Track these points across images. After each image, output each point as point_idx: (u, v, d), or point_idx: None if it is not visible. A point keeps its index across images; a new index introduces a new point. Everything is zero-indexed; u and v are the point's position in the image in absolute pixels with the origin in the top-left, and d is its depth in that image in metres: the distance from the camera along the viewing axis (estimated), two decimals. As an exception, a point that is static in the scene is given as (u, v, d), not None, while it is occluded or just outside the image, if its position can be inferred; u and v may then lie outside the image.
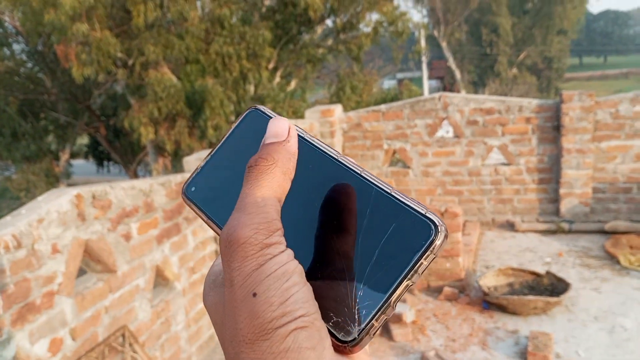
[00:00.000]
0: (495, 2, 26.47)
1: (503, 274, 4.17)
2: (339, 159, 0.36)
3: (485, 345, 3.50)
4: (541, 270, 4.42)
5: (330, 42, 13.92)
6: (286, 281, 0.31)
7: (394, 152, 5.85)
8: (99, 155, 17.82)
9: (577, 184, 5.27)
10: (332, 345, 0.31)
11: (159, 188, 3.04)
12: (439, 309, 3.98)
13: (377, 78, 19.70)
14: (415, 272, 0.31)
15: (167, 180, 3.13)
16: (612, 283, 4.19)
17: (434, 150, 5.68)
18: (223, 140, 0.42)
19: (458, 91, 28.69)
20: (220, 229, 0.37)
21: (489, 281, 4.09)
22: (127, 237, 2.77)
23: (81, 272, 2.67)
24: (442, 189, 5.75)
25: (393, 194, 0.33)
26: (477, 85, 30.48)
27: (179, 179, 3.24)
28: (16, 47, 14.45)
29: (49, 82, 13.77)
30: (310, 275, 0.33)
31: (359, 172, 0.35)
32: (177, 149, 12.16)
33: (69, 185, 16.65)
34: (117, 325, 2.69)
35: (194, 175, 0.41)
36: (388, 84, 34.18)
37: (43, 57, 13.72)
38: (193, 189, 0.40)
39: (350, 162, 0.36)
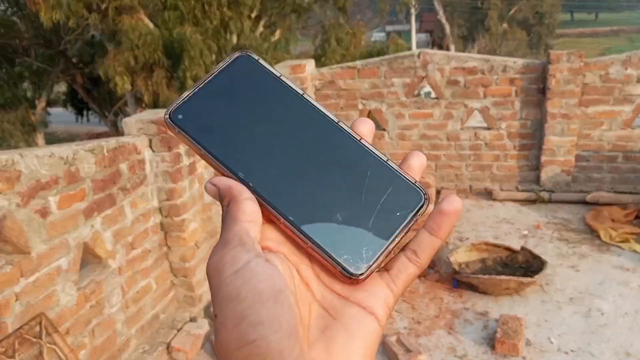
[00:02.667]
0: (488, -47, 25.53)
1: (476, 249, 3.90)
2: (340, 124, 0.41)
3: (451, 328, 3.25)
4: (518, 244, 4.16)
5: (316, -11, 13.31)
6: (239, 304, 0.33)
7: (369, 112, 5.46)
8: (77, 104, 17.17)
9: (560, 151, 4.96)
10: (340, 279, 0.37)
11: (87, 155, 2.66)
12: (406, 286, 3.72)
13: (365, 30, 19.02)
14: (409, 228, 0.38)
15: (97, 145, 2.74)
16: (590, 260, 3.95)
17: (411, 111, 5.31)
18: (211, 77, 0.41)
19: (447, 46, 28.04)
20: (217, 160, 0.39)
21: (460, 257, 3.82)
22: (44, 213, 2.40)
23: (-10, 253, 2.33)
24: (419, 153, 5.41)
25: (389, 162, 0.40)
26: (466, 40, 29.79)
27: (113, 144, 2.86)
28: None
29: (23, 27, 13.01)
30: (325, 216, 0.37)
31: (358, 138, 0.40)
32: (156, 100, 11.68)
33: (47, 134, 16.09)
34: (33, 314, 2.37)
35: (180, 103, 0.40)
36: (377, 36, 33.30)
37: (15, 0, 12.92)
38: (180, 116, 0.40)
39: (348, 127, 0.41)
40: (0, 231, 2.21)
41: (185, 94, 0.41)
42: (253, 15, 11.86)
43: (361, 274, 0.36)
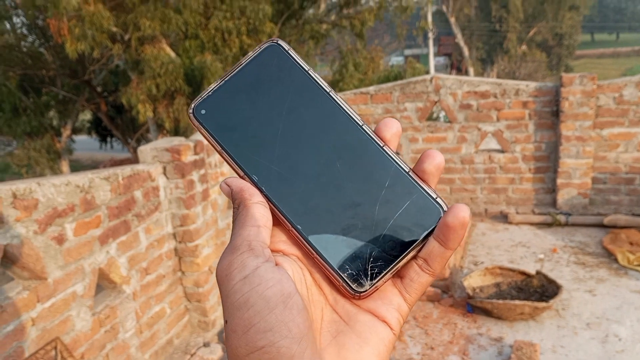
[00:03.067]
0: (505, -24, 25.71)
1: (490, 274, 3.87)
2: (364, 127, 0.39)
3: (465, 354, 3.22)
4: (533, 267, 4.12)
5: (333, 17, 13.51)
6: (247, 311, 0.33)
7: (383, 137, 5.50)
8: (101, 131, 17.60)
9: (576, 174, 4.93)
10: (341, 293, 0.37)
11: (102, 183, 2.74)
12: (420, 311, 3.70)
13: (383, 55, 19.19)
14: (421, 247, 0.37)
15: (112, 173, 2.83)
16: (608, 284, 3.88)
17: (424, 135, 5.33)
18: (238, 69, 0.41)
19: (466, 68, 28.09)
20: (233, 160, 0.39)
21: (474, 281, 3.80)
22: (60, 239, 2.48)
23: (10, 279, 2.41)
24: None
25: (410, 173, 0.38)
26: (485, 62, 29.83)
27: (128, 171, 2.94)
28: (18, 20, 14.15)
29: (49, 57, 13.44)
30: (335, 228, 0.37)
31: (381, 144, 0.39)
32: (177, 127, 11.93)
33: (72, 161, 16.46)
34: (48, 338, 2.43)
35: (204, 97, 0.40)
36: (395, 60, 33.56)
37: (43, 32, 13.39)
38: (203, 111, 0.40)
39: (371, 131, 0.39)
40: (18, 258, 2.29)
41: (212, 86, 0.41)
42: (272, 42, 12.05)
43: (363, 291, 0.36)
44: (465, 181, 5.35)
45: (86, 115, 18.58)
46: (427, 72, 18.51)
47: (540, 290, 3.71)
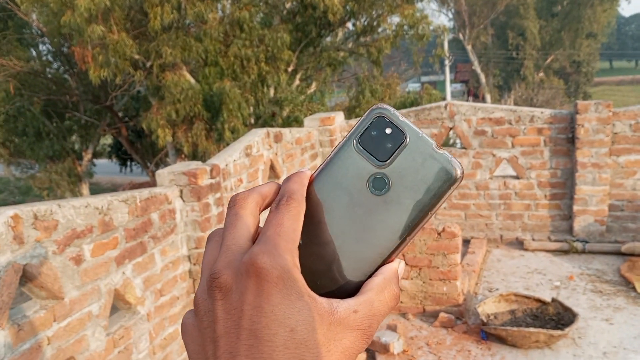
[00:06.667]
0: (522, 5, 25.83)
1: (505, 300, 3.83)
2: None
3: (478, 382, 3.19)
4: (549, 295, 4.08)
5: (350, 45, 13.67)
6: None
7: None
8: (121, 155, 17.89)
9: (593, 201, 4.89)
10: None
11: (120, 205, 2.81)
12: (433, 337, 3.67)
13: (400, 81, 19.29)
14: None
15: (130, 196, 2.90)
16: (625, 313, 3.82)
17: (439, 161, 5.34)
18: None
19: (483, 95, 28.12)
20: None
21: (488, 308, 3.76)
22: (78, 260, 2.54)
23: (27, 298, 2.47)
24: (447, 202, 5.42)
25: None
26: (502, 89, 29.86)
27: (146, 194, 3.01)
28: (44, 48, 14.56)
29: (73, 83, 13.77)
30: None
31: None
32: (195, 151, 12.08)
33: (92, 184, 16.72)
34: (63, 357, 2.46)
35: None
36: (412, 87, 33.76)
37: (67, 59, 13.75)
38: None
39: None
40: (36, 277, 2.34)
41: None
42: (290, 69, 12.24)
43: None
44: (480, 207, 5.33)
45: (107, 140, 18.91)
46: (444, 99, 18.55)
47: (556, 318, 3.66)
